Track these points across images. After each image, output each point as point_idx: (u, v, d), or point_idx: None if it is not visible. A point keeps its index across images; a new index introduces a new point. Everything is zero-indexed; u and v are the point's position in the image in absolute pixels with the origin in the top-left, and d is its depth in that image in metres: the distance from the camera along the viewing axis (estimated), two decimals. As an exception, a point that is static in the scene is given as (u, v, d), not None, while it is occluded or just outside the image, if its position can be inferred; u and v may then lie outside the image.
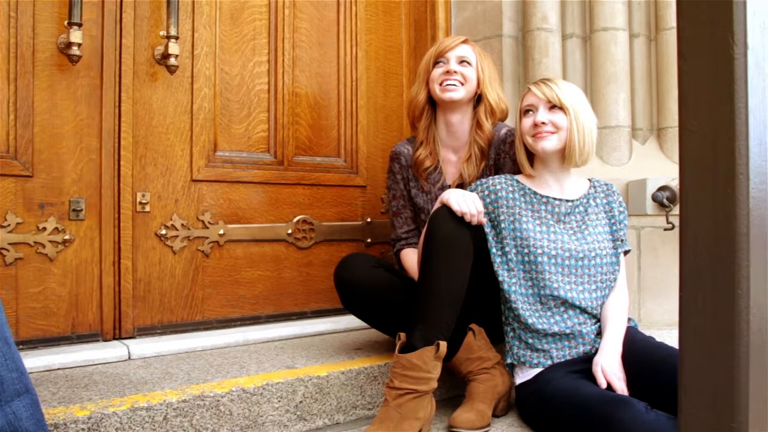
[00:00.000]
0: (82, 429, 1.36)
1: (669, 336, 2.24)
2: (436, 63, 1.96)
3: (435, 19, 2.47)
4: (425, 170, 2.01)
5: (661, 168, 2.23)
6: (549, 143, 1.77)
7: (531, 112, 1.80)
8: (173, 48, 1.90)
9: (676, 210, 2.04)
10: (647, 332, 2.20)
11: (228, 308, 2.07)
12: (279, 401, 1.62)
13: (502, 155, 1.97)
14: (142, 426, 1.43)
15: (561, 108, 1.77)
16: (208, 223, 2.02)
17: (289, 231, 2.20)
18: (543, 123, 1.76)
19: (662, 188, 2.01)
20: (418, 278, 1.72)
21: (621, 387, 1.58)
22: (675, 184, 2.01)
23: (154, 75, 1.95)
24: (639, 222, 2.20)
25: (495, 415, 1.84)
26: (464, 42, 1.99)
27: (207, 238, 2.02)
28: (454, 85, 1.93)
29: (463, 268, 1.68)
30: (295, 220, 2.21)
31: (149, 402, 1.45)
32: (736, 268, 0.33)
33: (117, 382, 1.60)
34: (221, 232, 2.05)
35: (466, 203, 1.68)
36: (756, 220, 0.33)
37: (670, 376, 1.53)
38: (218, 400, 1.53)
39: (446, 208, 1.69)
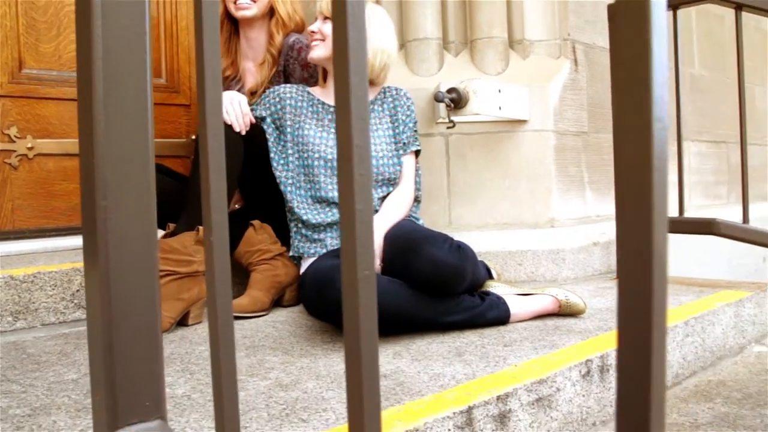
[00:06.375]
0: None
1: (478, 238, 2.35)
2: None
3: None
4: (226, 79, 2.11)
5: (469, 77, 2.32)
6: (315, 53, 1.88)
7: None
8: (-41, -38, 1.94)
9: (466, 115, 2.14)
10: (457, 234, 2.31)
11: (42, 219, 2.15)
12: (53, 289, 1.71)
13: (291, 61, 2.07)
14: None
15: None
16: (15, 137, 2.09)
17: (106, 146, 2.26)
18: (312, 32, 1.87)
19: (450, 90, 2.11)
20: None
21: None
22: (463, 86, 2.11)
23: (-54, -9, 1.99)
24: (447, 128, 2.30)
25: (283, 305, 1.95)
26: None
27: (14, 151, 2.09)
28: (246, 3, 2.04)
29: (229, 165, 1.77)
30: (113, 136, 2.28)
31: None
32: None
33: None
34: (30, 145, 2.11)
35: (227, 113, 1.77)
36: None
37: (404, 247, 1.64)
38: (-17, 287, 1.62)
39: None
